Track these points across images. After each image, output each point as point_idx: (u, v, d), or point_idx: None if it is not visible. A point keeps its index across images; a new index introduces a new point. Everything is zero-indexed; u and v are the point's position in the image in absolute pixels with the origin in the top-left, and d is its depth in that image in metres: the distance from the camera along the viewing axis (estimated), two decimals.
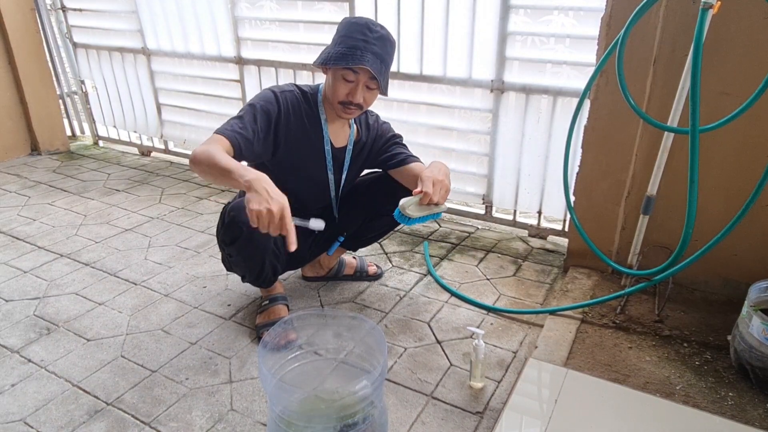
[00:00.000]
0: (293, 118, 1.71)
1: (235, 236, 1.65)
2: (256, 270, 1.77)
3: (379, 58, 1.61)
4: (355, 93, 1.64)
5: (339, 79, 1.64)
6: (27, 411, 1.54)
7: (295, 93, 1.73)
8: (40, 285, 2.19)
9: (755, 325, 1.50)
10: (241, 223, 1.57)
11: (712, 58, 1.72)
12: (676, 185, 1.90)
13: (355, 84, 1.64)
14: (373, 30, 1.61)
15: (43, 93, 3.75)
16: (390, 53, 1.67)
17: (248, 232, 1.57)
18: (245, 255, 1.71)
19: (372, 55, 1.59)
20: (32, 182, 3.32)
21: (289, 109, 1.69)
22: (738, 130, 1.75)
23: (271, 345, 1.41)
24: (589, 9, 2.09)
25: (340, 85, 1.64)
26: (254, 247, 1.68)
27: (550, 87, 2.28)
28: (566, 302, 1.97)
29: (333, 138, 1.81)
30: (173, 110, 3.58)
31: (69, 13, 3.75)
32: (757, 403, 1.51)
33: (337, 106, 1.68)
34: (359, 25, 1.62)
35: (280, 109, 1.67)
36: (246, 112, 1.63)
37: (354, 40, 1.60)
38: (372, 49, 1.59)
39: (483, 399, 1.56)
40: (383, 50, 1.63)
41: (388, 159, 1.88)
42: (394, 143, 1.91)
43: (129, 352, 1.79)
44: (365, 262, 2.22)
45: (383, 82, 1.64)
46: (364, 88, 1.65)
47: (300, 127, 1.73)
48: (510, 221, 2.67)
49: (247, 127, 1.58)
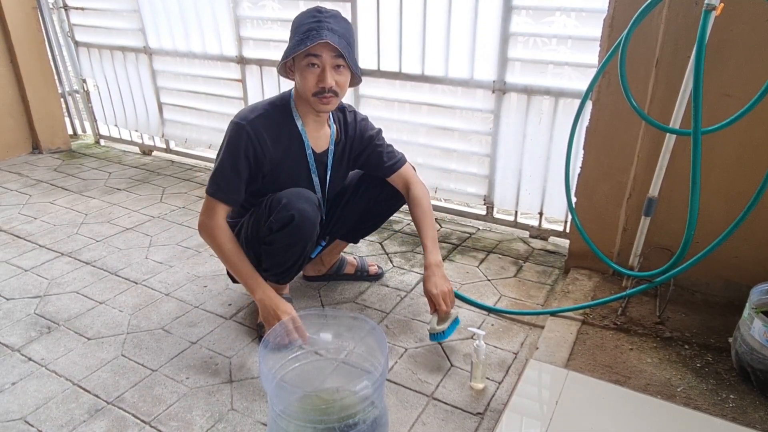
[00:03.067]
0: (270, 142, 1.67)
1: (285, 222, 1.63)
2: (293, 259, 1.74)
3: (337, 34, 1.55)
4: (324, 77, 1.58)
5: (304, 69, 1.59)
6: (27, 410, 1.54)
7: (263, 114, 1.67)
8: (40, 283, 2.19)
9: (756, 328, 1.50)
10: (294, 209, 1.62)
11: (714, 60, 1.72)
12: (678, 187, 1.89)
13: (321, 68, 1.58)
14: (323, 10, 1.58)
15: (45, 91, 3.75)
16: (348, 30, 1.62)
17: (300, 217, 1.62)
18: (291, 241, 1.68)
19: (328, 31, 1.54)
20: (33, 181, 3.32)
21: (262, 136, 1.65)
22: (740, 132, 1.75)
23: (271, 345, 1.40)
24: (591, 10, 2.09)
25: (308, 75, 1.59)
26: (302, 233, 1.67)
27: (552, 88, 2.28)
28: (567, 303, 1.97)
29: (313, 143, 1.77)
30: (175, 109, 3.57)
31: (71, 11, 3.75)
32: (758, 406, 1.50)
33: (312, 99, 1.63)
34: (308, 12, 1.60)
35: (253, 144, 1.63)
36: (224, 161, 1.64)
37: (306, 25, 1.56)
38: (327, 26, 1.55)
39: (484, 400, 1.56)
40: (339, 26, 1.58)
41: (374, 167, 1.89)
42: (375, 145, 1.88)
43: (129, 351, 1.79)
44: (366, 261, 2.21)
45: (351, 59, 1.59)
46: (333, 70, 1.59)
47: (279, 146, 1.70)
48: (511, 222, 2.67)
49: (233, 181, 1.65)
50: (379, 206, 1.97)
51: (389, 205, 1.97)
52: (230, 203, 1.68)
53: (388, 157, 1.89)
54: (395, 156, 1.91)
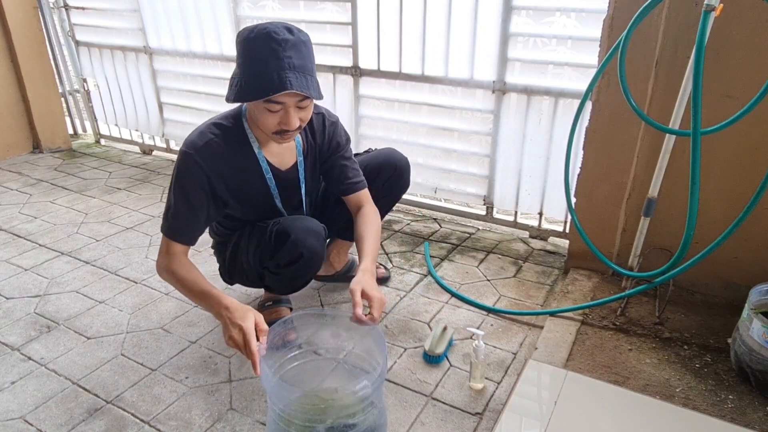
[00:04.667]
0: (225, 168, 1.53)
1: (294, 259, 1.57)
2: (299, 285, 1.72)
3: (300, 71, 1.36)
4: (288, 119, 1.42)
5: (262, 111, 1.41)
6: (27, 409, 1.55)
7: (213, 139, 1.52)
8: (40, 283, 2.19)
9: (756, 328, 1.50)
10: (303, 247, 1.54)
11: (714, 61, 1.72)
12: (678, 187, 1.89)
13: (284, 111, 1.41)
14: (281, 39, 1.34)
15: (45, 91, 3.75)
16: (309, 55, 1.42)
17: (309, 254, 1.56)
18: (299, 274, 1.63)
19: (292, 71, 1.34)
20: (33, 180, 3.32)
21: (214, 164, 1.51)
22: (739, 133, 1.74)
23: (270, 344, 1.40)
24: (591, 10, 2.09)
25: (267, 117, 1.42)
26: (310, 268, 1.62)
27: (552, 88, 2.28)
28: (566, 304, 1.97)
29: (277, 161, 1.63)
30: (175, 109, 3.58)
31: (71, 11, 3.75)
32: (757, 406, 1.50)
33: (272, 136, 1.48)
34: (261, 40, 1.35)
35: (206, 173, 1.50)
36: (177, 197, 1.51)
37: (262, 62, 1.34)
38: (289, 64, 1.34)
39: (482, 400, 1.56)
40: (301, 58, 1.38)
41: (335, 180, 1.75)
42: (342, 156, 1.74)
43: (129, 350, 1.79)
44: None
45: (315, 92, 1.41)
46: (296, 110, 1.42)
47: (235, 172, 1.56)
48: (511, 222, 2.67)
49: (183, 215, 1.51)
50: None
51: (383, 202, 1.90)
52: (188, 243, 1.55)
53: (353, 173, 1.75)
54: (360, 175, 1.77)
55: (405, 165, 1.95)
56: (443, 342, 1.73)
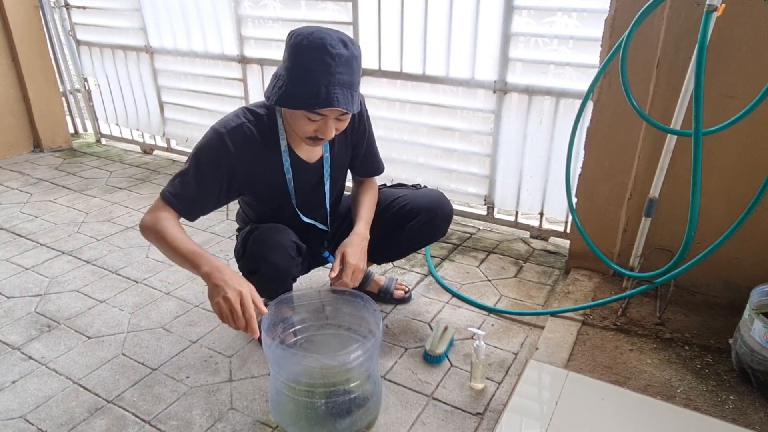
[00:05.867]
0: (251, 156, 1.50)
1: (254, 270, 1.53)
2: (275, 293, 1.63)
3: (347, 87, 1.35)
4: (325, 130, 1.41)
5: (301, 117, 1.40)
6: (27, 408, 1.55)
7: (246, 124, 1.49)
8: (41, 282, 2.19)
9: (757, 329, 1.50)
10: (264, 261, 1.50)
11: (716, 61, 1.71)
12: (679, 188, 1.89)
13: (323, 122, 1.40)
14: (335, 54, 1.32)
15: (46, 90, 3.75)
16: (358, 70, 1.41)
17: (269, 269, 1.50)
18: (266, 285, 1.56)
19: (340, 88, 1.33)
20: (34, 179, 3.32)
21: (242, 149, 1.48)
22: (741, 134, 1.74)
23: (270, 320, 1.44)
24: (592, 10, 2.08)
25: (305, 123, 1.41)
26: (272, 282, 1.56)
27: (553, 88, 2.28)
28: (567, 304, 1.97)
29: (305, 155, 1.62)
30: (176, 108, 3.58)
31: (72, 10, 3.75)
32: (758, 407, 1.50)
33: (304, 140, 1.48)
34: (316, 50, 1.32)
35: (230, 156, 1.47)
36: (191, 167, 1.46)
37: (314, 72, 1.32)
38: (338, 80, 1.33)
39: (483, 400, 1.56)
40: (350, 74, 1.36)
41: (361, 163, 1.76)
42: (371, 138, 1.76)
43: (130, 350, 1.79)
44: (394, 283, 2.04)
45: (356, 107, 1.40)
46: (335, 121, 1.42)
47: (259, 161, 1.53)
48: (511, 222, 2.67)
49: (192, 187, 1.45)
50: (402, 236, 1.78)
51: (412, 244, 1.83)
52: (184, 214, 1.47)
53: (374, 159, 1.80)
54: (379, 160, 1.82)
55: (448, 216, 1.81)
56: (444, 342, 1.73)
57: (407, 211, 1.76)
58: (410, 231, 1.76)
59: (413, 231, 1.76)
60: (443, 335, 1.75)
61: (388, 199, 1.82)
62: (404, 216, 1.76)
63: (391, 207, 1.79)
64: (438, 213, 1.76)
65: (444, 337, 1.75)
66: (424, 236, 1.81)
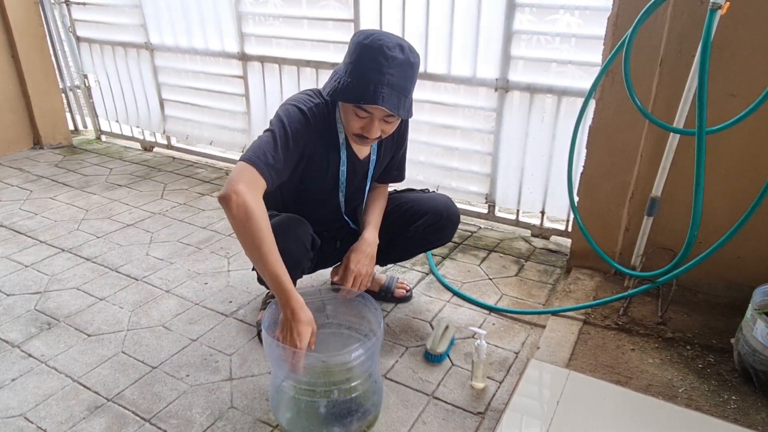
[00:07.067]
0: (319, 138, 1.55)
1: None
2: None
3: (396, 90, 1.40)
4: (370, 129, 1.46)
5: (351, 112, 1.47)
6: (27, 406, 1.54)
7: (322, 105, 1.54)
8: (41, 279, 2.18)
9: (759, 329, 1.49)
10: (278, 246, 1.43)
11: (719, 60, 1.70)
12: (681, 187, 1.88)
13: (369, 120, 1.46)
14: (389, 56, 1.38)
15: (46, 87, 3.74)
16: (411, 77, 1.45)
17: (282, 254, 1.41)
18: None
19: (388, 88, 1.38)
20: (34, 176, 3.31)
21: (319, 128, 1.53)
22: (745, 132, 1.74)
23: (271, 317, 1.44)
24: (595, 8, 2.08)
25: (353, 119, 1.47)
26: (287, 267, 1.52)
27: (555, 86, 2.27)
28: (569, 303, 1.96)
29: (358, 148, 1.65)
30: (176, 106, 3.57)
31: (72, 6, 3.74)
32: (760, 407, 1.50)
33: (351, 136, 1.54)
34: (372, 50, 1.38)
35: (310, 132, 1.50)
36: (279, 135, 1.44)
37: (366, 70, 1.39)
38: (388, 81, 1.38)
39: (484, 399, 1.56)
40: (402, 79, 1.41)
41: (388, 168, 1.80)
42: (404, 148, 1.80)
43: (130, 348, 1.78)
44: (395, 282, 2.03)
45: (404, 112, 1.45)
46: (381, 122, 1.47)
47: (324, 146, 1.58)
48: (513, 221, 2.66)
49: (280, 158, 1.42)
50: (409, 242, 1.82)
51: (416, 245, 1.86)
52: (267, 177, 1.38)
53: (403, 167, 1.86)
54: (401, 167, 1.86)
55: (454, 221, 1.82)
56: (445, 341, 1.73)
57: (413, 213, 1.78)
58: (414, 232, 1.77)
59: (417, 232, 1.77)
60: (444, 334, 1.75)
61: (395, 202, 1.84)
62: (409, 217, 1.78)
63: (397, 209, 1.81)
64: (443, 215, 1.77)
65: (445, 336, 1.74)
66: (428, 239, 1.81)
